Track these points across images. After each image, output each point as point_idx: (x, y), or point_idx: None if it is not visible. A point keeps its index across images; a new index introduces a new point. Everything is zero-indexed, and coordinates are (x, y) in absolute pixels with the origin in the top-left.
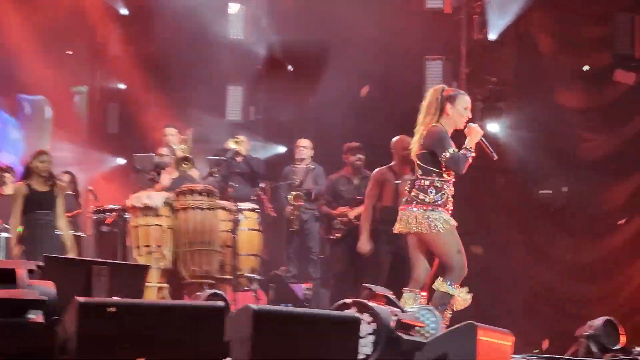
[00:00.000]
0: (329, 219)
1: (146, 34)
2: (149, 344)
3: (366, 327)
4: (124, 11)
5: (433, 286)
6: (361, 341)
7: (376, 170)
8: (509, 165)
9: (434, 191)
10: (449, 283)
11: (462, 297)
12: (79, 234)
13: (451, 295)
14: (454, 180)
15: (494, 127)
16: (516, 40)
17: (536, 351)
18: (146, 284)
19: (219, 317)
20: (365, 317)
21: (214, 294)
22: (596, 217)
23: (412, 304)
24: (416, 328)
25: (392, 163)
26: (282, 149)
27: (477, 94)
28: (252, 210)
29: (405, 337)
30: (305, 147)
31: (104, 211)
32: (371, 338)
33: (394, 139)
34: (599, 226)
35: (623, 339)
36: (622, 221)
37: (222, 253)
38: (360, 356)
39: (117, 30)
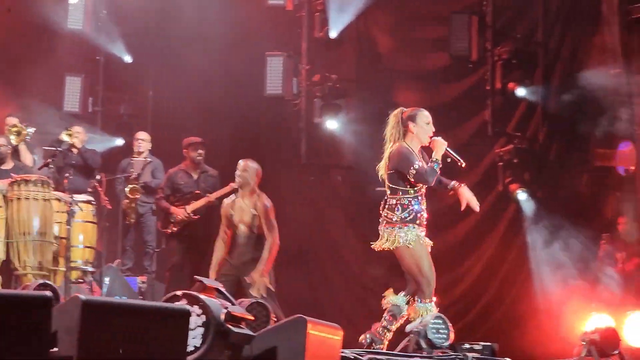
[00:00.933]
0: (166, 213)
1: None
2: None
3: (196, 319)
4: None
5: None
6: (191, 333)
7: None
8: (346, 163)
9: (400, 209)
10: (419, 300)
11: (430, 310)
12: None
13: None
14: (422, 194)
15: (332, 124)
16: (356, 38)
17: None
18: None
19: (45, 307)
20: (195, 309)
21: (43, 284)
22: (432, 213)
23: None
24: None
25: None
26: (120, 142)
27: (316, 91)
28: (88, 202)
29: (234, 329)
30: (143, 140)
31: None
32: (201, 330)
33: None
34: (436, 223)
35: (452, 335)
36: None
37: (56, 244)
38: (190, 348)
39: None
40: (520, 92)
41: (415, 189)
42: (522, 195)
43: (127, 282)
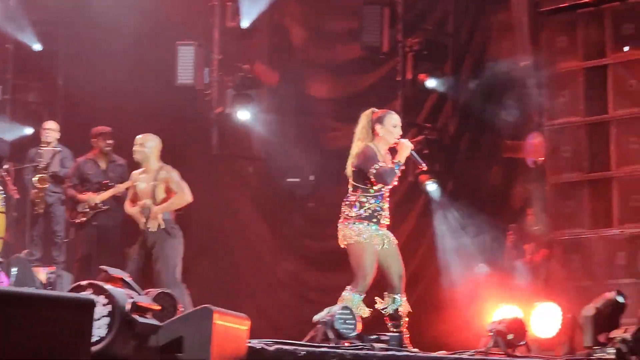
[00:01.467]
0: (75, 202)
1: None
2: None
3: (101, 309)
4: None
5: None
6: (96, 323)
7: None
8: (257, 154)
9: (357, 206)
10: (350, 289)
11: (362, 309)
12: None
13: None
14: (383, 194)
15: (244, 114)
16: (268, 29)
17: None
18: None
19: None
20: (101, 299)
21: None
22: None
23: (390, 304)
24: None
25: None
26: (29, 131)
27: (228, 81)
28: None
29: (140, 319)
30: (51, 129)
31: None
32: (106, 320)
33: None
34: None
35: (359, 326)
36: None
37: None
38: (94, 338)
39: None
40: (431, 83)
41: (375, 188)
42: (432, 186)
43: (35, 272)
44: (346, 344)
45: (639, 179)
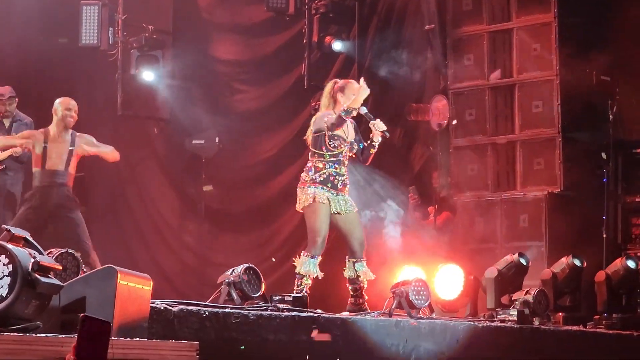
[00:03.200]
0: None
1: None
2: None
3: (2, 269)
4: None
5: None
6: None
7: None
8: (162, 115)
9: (313, 170)
10: (304, 254)
11: (312, 270)
12: None
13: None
14: (340, 160)
15: (149, 75)
16: None
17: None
18: None
19: None
20: (2, 258)
21: None
22: (248, 167)
23: (351, 271)
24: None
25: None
26: None
27: (133, 42)
28: None
29: (42, 279)
30: None
31: None
32: (7, 280)
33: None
34: (250, 177)
35: (263, 286)
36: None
37: None
38: None
39: None
40: (337, 46)
41: (330, 153)
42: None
43: None
44: (250, 304)
45: (542, 142)
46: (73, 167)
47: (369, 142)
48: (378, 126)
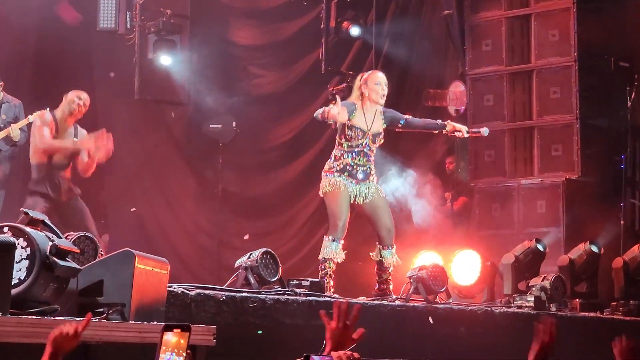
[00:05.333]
0: None
1: None
2: None
3: (21, 252)
4: None
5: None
6: (15, 266)
7: None
8: (179, 99)
9: (332, 159)
10: (326, 238)
11: (335, 252)
12: None
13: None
14: (358, 150)
15: (166, 60)
16: None
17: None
18: None
19: None
20: (20, 241)
21: None
22: (264, 152)
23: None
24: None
25: None
26: None
27: (150, 26)
28: None
29: (60, 262)
30: None
31: None
32: (25, 263)
33: None
34: (267, 162)
35: (280, 271)
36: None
37: None
38: (15, 281)
39: None
40: (355, 31)
41: (348, 144)
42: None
43: None
44: (267, 289)
45: (560, 128)
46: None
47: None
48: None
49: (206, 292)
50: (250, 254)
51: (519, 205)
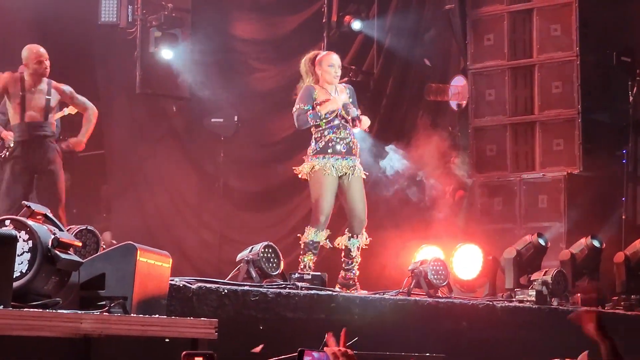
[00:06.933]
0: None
1: None
2: None
3: (23, 245)
4: None
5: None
6: (17, 259)
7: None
8: (181, 94)
9: (314, 142)
10: (308, 228)
11: (316, 239)
12: None
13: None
14: (336, 124)
15: (167, 54)
16: None
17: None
18: None
19: None
20: (22, 234)
21: None
22: (266, 146)
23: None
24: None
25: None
26: None
27: (152, 20)
28: None
29: (62, 255)
30: None
31: None
32: (27, 256)
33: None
34: (268, 156)
35: (282, 264)
36: None
37: None
38: (16, 274)
39: None
40: (357, 25)
41: (326, 120)
42: (356, 129)
43: None
44: (269, 282)
45: (562, 123)
46: (53, 117)
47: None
48: (364, 124)
49: (208, 285)
50: (252, 248)
51: (521, 199)
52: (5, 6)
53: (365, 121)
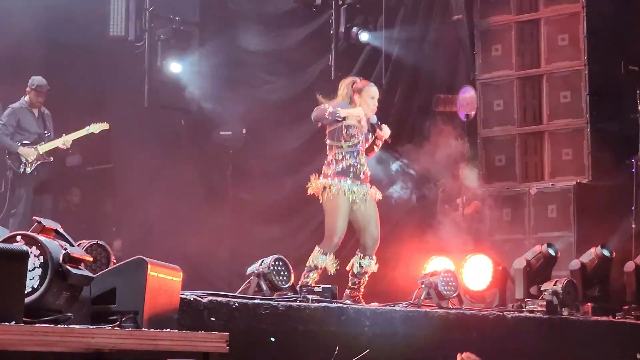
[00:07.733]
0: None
1: None
2: None
3: (34, 260)
4: None
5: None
6: (28, 274)
7: None
8: (189, 106)
9: (334, 163)
10: (318, 249)
11: (330, 265)
12: None
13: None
14: (358, 149)
15: (176, 67)
16: None
17: None
18: None
19: None
20: (33, 250)
21: None
22: (275, 158)
23: (357, 265)
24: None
25: None
26: None
27: (160, 33)
28: None
29: (73, 270)
30: None
31: None
32: (39, 271)
33: None
34: (277, 168)
35: (292, 277)
36: None
37: None
38: (28, 289)
39: None
40: (364, 37)
41: (349, 143)
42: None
43: None
44: (279, 296)
45: (571, 132)
46: None
47: (371, 142)
48: (385, 133)
49: (219, 299)
50: (262, 261)
51: (530, 209)
52: (15, 21)
53: (386, 130)
